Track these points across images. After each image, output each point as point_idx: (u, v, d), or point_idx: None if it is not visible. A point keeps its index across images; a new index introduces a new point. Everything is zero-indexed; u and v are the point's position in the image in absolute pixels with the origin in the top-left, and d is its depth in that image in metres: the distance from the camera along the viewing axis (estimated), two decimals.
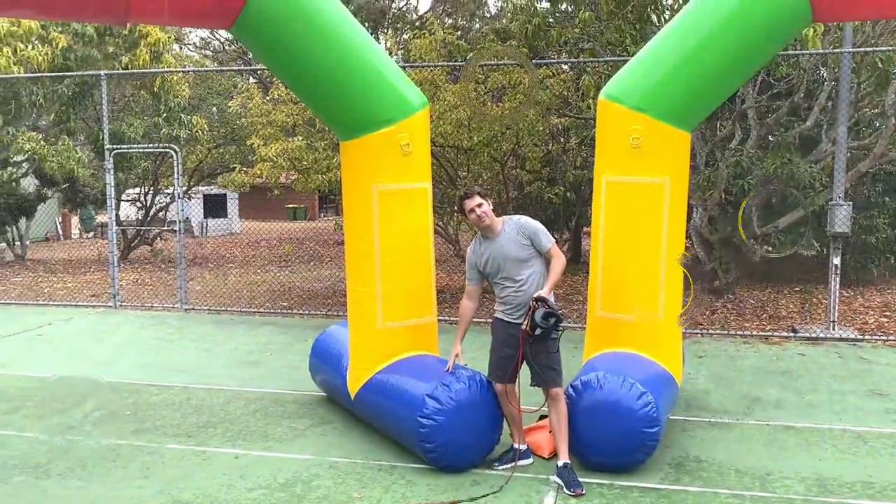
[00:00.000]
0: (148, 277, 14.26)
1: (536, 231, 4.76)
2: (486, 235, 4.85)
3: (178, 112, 14.94)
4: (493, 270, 4.83)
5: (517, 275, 4.75)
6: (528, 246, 4.74)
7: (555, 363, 4.70)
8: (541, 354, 4.66)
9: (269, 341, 8.56)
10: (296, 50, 4.93)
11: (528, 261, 4.75)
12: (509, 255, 4.75)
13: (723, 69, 5.16)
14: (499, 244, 4.79)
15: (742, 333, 8.88)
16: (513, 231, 4.77)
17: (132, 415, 5.92)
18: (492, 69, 10.25)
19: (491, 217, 4.79)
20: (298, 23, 4.80)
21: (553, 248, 4.79)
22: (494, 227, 4.80)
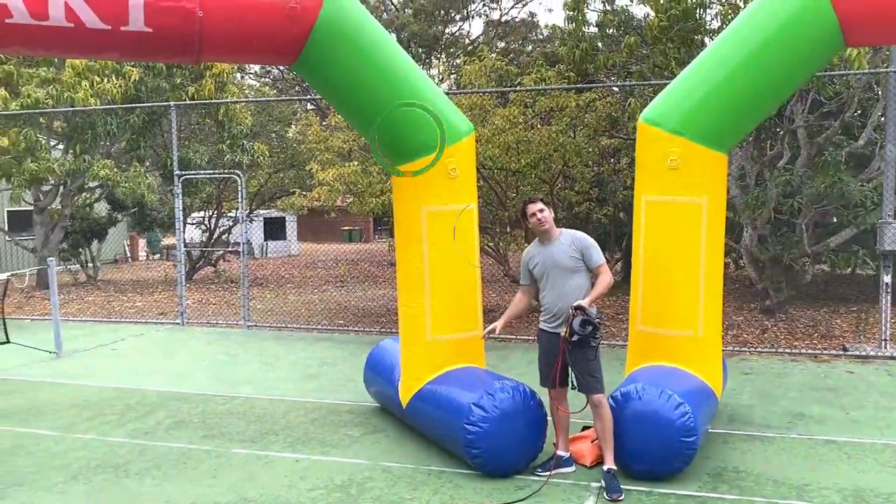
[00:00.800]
0: (212, 296, 14.92)
1: (589, 246, 5.03)
2: (543, 241, 5.15)
3: (240, 139, 15.68)
4: (540, 274, 5.13)
5: (561, 283, 5.01)
6: (577, 259, 5.01)
7: (595, 371, 4.92)
8: (580, 362, 4.90)
9: (326, 356, 8.98)
10: (351, 83, 5.34)
11: (575, 272, 5.01)
12: (558, 262, 5.02)
13: (758, 93, 5.37)
14: (551, 250, 5.08)
15: (791, 352, 8.90)
16: (567, 241, 5.06)
17: (201, 422, 6.36)
18: (539, 93, 10.56)
19: (550, 223, 5.09)
20: (354, 59, 5.20)
21: (602, 266, 5.03)
22: (551, 233, 5.10)
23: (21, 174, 13.18)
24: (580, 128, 10.85)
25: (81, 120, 14.05)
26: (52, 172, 13.62)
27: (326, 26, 5.00)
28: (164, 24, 4.63)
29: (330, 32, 5.04)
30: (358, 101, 5.51)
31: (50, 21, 4.47)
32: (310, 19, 4.93)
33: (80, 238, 17.77)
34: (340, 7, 5.06)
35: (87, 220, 17.83)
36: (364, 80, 5.32)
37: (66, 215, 15.94)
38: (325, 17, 4.97)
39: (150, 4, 4.57)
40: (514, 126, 10.45)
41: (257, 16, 4.83)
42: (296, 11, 4.87)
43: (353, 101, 5.53)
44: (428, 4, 30.13)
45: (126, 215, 19.72)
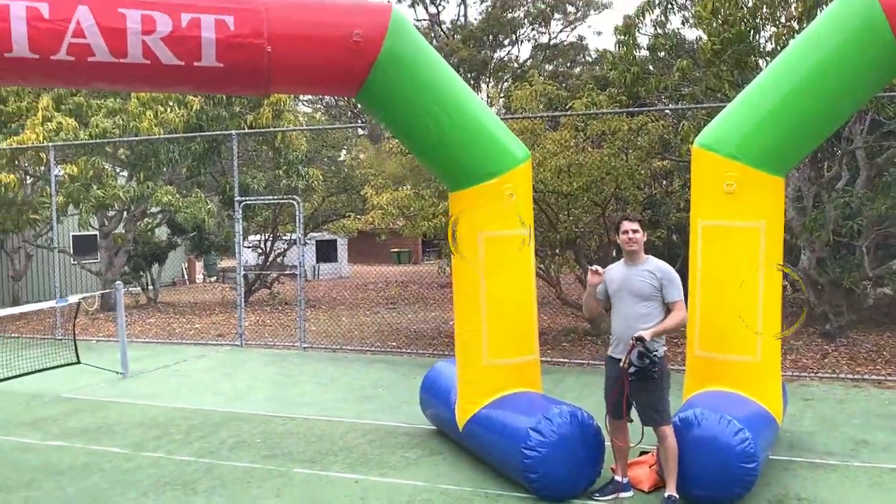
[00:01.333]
0: (267, 318, 15.24)
1: (671, 280, 4.92)
2: (627, 261, 5.10)
3: (296, 164, 16.07)
4: (613, 293, 5.09)
5: (630, 309, 4.95)
6: (655, 288, 4.92)
7: (657, 404, 4.85)
8: (641, 394, 4.88)
9: (380, 377, 9.11)
10: (411, 112, 5.51)
11: (648, 301, 4.92)
12: (634, 286, 4.96)
13: (816, 116, 5.36)
14: (631, 273, 5.02)
15: (853, 377, 8.70)
16: (650, 268, 4.98)
17: (262, 442, 6.53)
18: (591, 117, 10.62)
19: (639, 246, 5.02)
20: (415, 88, 5.38)
21: (678, 303, 4.91)
22: (637, 256, 5.05)
23: (89, 201, 13.73)
24: (632, 151, 10.85)
25: (145, 148, 14.61)
26: (117, 199, 14.16)
27: (388, 58, 5.18)
28: (235, 59, 4.87)
29: (392, 63, 5.22)
30: (417, 129, 5.66)
31: (128, 59, 4.74)
32: (373, 52, 5.12)
33: (141, 261, 18.37)
34: (402, 39, 5.25)
35: (148, 245, 18.44)
36: (423, 109, 5.48)
37: (129, 240, 16.51)
38: (388, 49, 5.16)
39: (222, 41, 4.81)
40: (565, 149, 10.52)
41: (323, 49, 5.04)
42: (359, 45, 5.07)
43: (413, 128, 5.69)
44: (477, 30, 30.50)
45: (185, 239, 20.31)
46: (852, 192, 10.60)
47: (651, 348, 4.76)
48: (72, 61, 4.58)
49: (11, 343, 11.75)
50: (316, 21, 5.06)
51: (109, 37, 4.58)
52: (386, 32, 5.15)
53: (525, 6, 31.63)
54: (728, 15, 9.46)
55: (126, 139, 13.70)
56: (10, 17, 4.34)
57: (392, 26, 5.18)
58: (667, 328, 4.92)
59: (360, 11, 5.22)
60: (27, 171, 15.11)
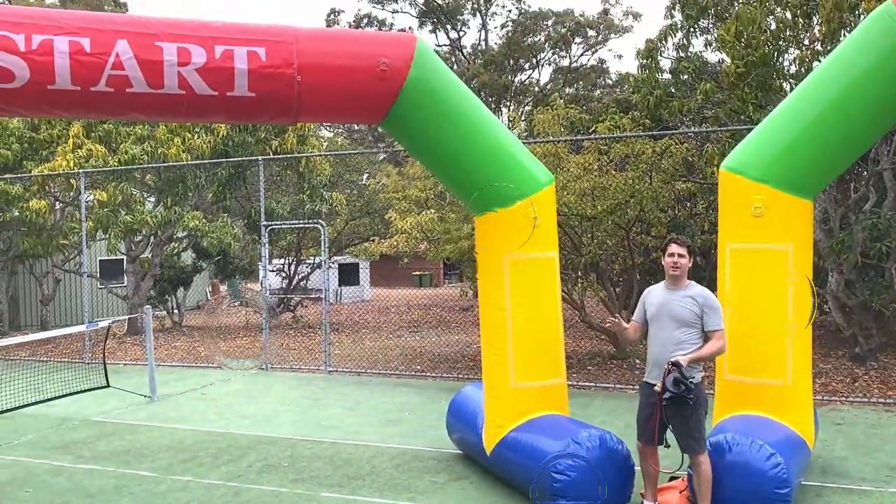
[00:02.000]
0: (291, 342, 15.33)
1: (713, 308, 4.84)
2: (669, 285, 5.03)
3: (319, 189, 16.25)
4: (652, 317, 5.03)
5: (668, 334, 4.88)
6: (696, 315, 4.84)
7: (694, 431, 4.77)
8: (677, 421, 4.81)
9: (406, 401, 9.12)
10: (436, 138, 5.59)
11: (687, 328, 4.84)
12: (673, 311, 4.89)
13: (844, 138, 5.35)
14: (672, 297, 4.95)
15: (885, 401, 8.57)
16: (691, 294, 4.90)
17: (289, 466, 6.56)
18: (614, 140, 10.65)
19: (683, 271, 4.95)
20: (439, 115, 5.46)
21: (719, 332, 4.83)
22: (680, 281, 4.98)
23: (117, 226, 13.97)
24: (656, 173, 10.85)
25: (173, 174, 14.87)
26: (145, 224, 14.40)
27: (414, 86, 5.27)
28: (267, 88, 4.98)
29: (417, 91, 5.31)
30: (441, 155, 5.74)
31: (165, 90, 4.86)
32: (399, 80, 5.21)
33: (166, 285, 18.60)
34: (427, 67, 5.34)
35: (174, 269, 18.67)
36: (448, 135, 5.56)
37: (155, 264, 16.75)
38: (414, 77, 5.25)
39: (254, 71, 4.93)
40: (588, 173, 10.55)
41: (350, 78, 5.14)
42: (386, 73, 5.17)
43: (437, 154, 5.76)
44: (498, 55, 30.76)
45: (210, 263, 20.55)
46: (880, 214, 10.50)
47: (687, 374, 4.69)
48: (111, 92, 4.71)
49: (41, 367, 11.92)
50: (344, 51, 5.17)
51: (147, 69, 4.71)
52: (411, 62, 5.24)
53: (546, 30, 31.87)
54: (751, 38, 9.48)
55: (154, 165, 13.95)
56: (53, 51, 4.48)
57: (417, 55, 5.28)
58: (703, 356, 4.85)
59: (387, 41, 5.33)
60: (57, 197, 15.41)
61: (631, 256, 11.79)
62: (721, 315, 4.88)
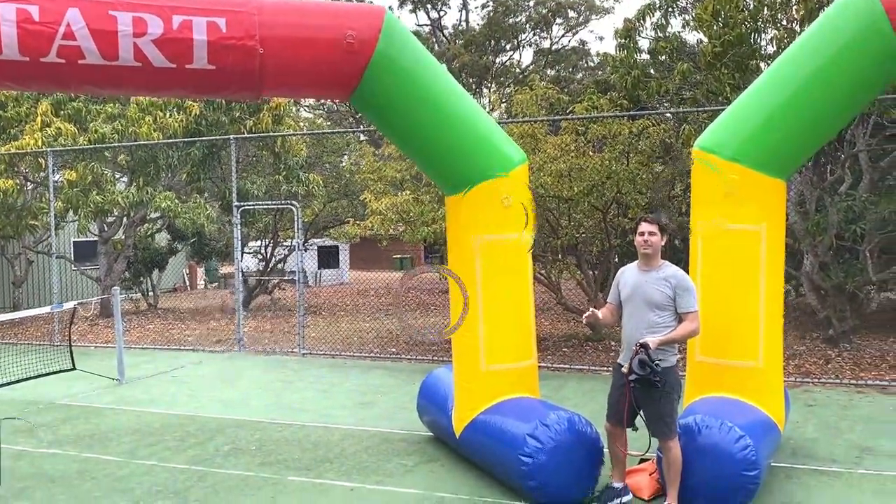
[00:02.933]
0: (267, 324, 15.17)
1: (686, 290, 4.69)
2: (641, 265, 4.89)
3: (296, 170, 16.01)
4: (625, 297, 4.91)
5: (641, 316, 4.76)
6: (668, 297, 4.70)
7: (665, 415, 4.68)
8: (649, 404, 4.72)
9: (380, 384, 9.03)
10: (406, 115, 5.45)
11: (660, 310, 4.71)
12: (646, 293, 4.76)
13: (817, 118, 5.28)
14: (644, 278, 4.82)
15: (857, 383, 8.59)
16: (663, 276, 4.75)
17: (258, 449, 6.45)
18: (591, 121, 10.55)
19: (655, 249, 4.80)
20: (409, 91, 5.31)
21: (692, 314, 4.69)
22: (653, 260, 4.82)
23: (87, 206, 13.69)
24: (633, 155, 10.77)
25: (144, 153, 14.57)
26: (116, 205, 14.11)
27: (382, 60, 5.12)
28: (227, 61, 4.81)
29: (386, 66, 5.16)
30: (411, 132, 5.60)
31: (119, 61, 4.68)
32: (366, 53, 5.06)
33: (141, 267, 18.33)
34: (396, 41, 5.18)
35: (148, 250, 18.39)
36: (418, 112, 5.42)
37: (128, 245, 16.47)
38: (382, 51, 5.09)
39: (213, 43, 4.75)
40: (566, 154, 10.45)
41: (316, 51, 4.98)
42: (353, 46, 5.01)
43: (407, 131, 5.63)
44: (479, 35, 30.50)
45: (185, 245, 20.26)
46: (855, 196, 10.51)
47: (654, 357, 4.58)
48: (62, 64, 4.52)
49: (8, 349, 11.70)
50: (308, 23, 5.01)
51: (100, 39, 4.53)
52: (379, 35, 5.08)
53: (527, 11, 31.62)
54: (729, 17, 9.39)
55: (125, 144, 13.66)
56: None
57: (385, 28, 5.12)
58: (675, 338, 4.71)
59: (354, 13, 5.16)
60: (26, 176, 15.07)
61: (608, 238, 11.73)
62: (695, 296, 4.77)
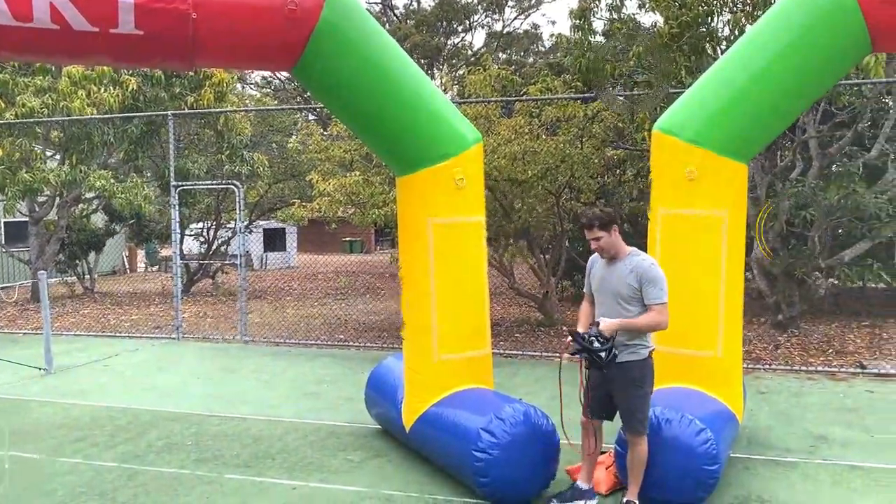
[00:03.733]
0: (210, 310, 14.63)
1: (650, 280, 4.38)
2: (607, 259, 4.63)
3: (240, 149, 15.42)
4: (595, 290, 4.68)
5: (610, 309, 4.50)
6: (634, 289, 4.41)
7: (638, 409, 4.47)
8: (622, 397, 4.51)
9: (326, 373, 8.68)
10: (353, 89, 5.08)
11: (628, 304, 4.44)
12: (613, 286, 4.50)
13: (780, 101, 5.12)
14: (611, 270, 4.55)
15: (807, 369, 8.61)
16: (629, 268, 4.46)
17: (194, 444, 6.06)
18: (546, 103, 10.32)
19: (610, 247, 4.52)
20: (356, 63, 4.95)
21: (658, 306, 4.37)
22: (616, 255, 4.54)
23: (15, 185, 12.92)
24: (587, 139, 10.60)
25: (78, 130, 13.81)
26: (46, 183, 13.36)
27: (327, 29, 4.74)
28: (156, 26, 4.38)
29: (331, 36, 4.79)
30: (359, 108, 5.25)
31: (34, 23, 4.21)
32: (310, 22, 4.67)
33: (76, 249, 17.50)
34: (342, 9, 4.81)
35: (84, 232, 17.56)
36: (366, 86, 5.07)
37: (61, 226, 15.67)
38: (326, 20, 4.71)
39: (141, 5, 4.31)
40: (519, 136, 10.20)
41: (254, 18, 4.58)
42: (295, 13, 4.62)
43: (354, 107, 5.27)
44: (430, 15, 30.03)
45: (124, 226, 19.44)
46: (805, 182, 10.54)
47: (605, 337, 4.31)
48: None
49: None
50: None
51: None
52: (324, 2, 4.70)
53: None
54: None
55: (56, 119, 12.91)
56: None
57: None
58: (635, 325, 4.39)
59: None
60: None
61: (561, 223, 11.58)
62: (662, 287, 4.42)
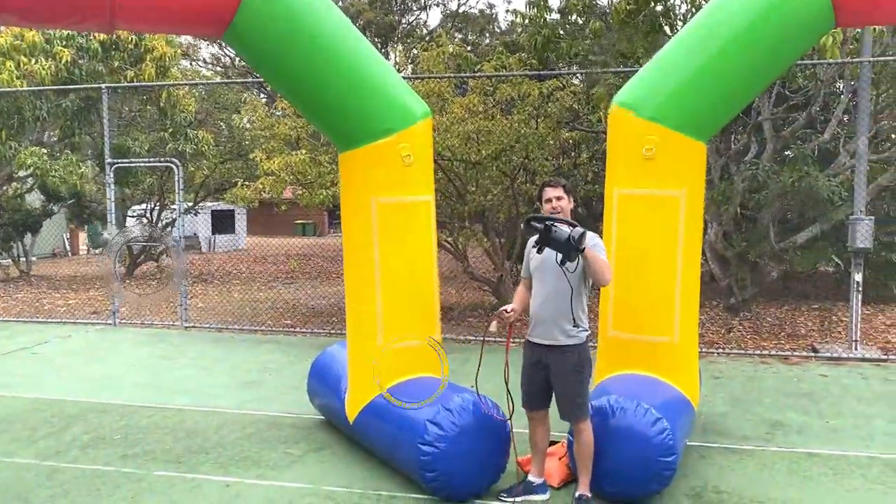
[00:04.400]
0: (152, 294, 14.04)
1: (595, 246, 4.23)
2: None
3: (184, 127, 14.80)
4: (533, 268, 4.45)
5: (551, 285, 4.29)
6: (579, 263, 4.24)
7: (578, 395, 4.28)
8: (560, 383, 4.30)
9: (269, 360, 8.31)
10: (290, 57, 4.71)
11: (569, 278, 4.29)
12: (553, 259, 4.28)
13: (742, 77, 4.92)
14: None
15: (760, 353, 8.56)
16: None
17: (122, 438, 5.66)
18: (500, 80, 10.03)
19: (565, 214, 4.35)
20: (293, 28, 4.58)
21: None
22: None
23: None
24: (542, 119, 10.35)
25: (8, 104, 13.04)
26: None
27: None
28: None
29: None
30: (298, 78, 4.87)
31: None
32: None
33: (10, 231, 16.67)
34: None
35: (19, 212, 16.72)
36: (305, 54, 4.70)
37: None
38: None
39: None
40: (473, 115, 9.90)
41: None
42: None
43: (291, 77, 4.88)
44: None
45: (62, 207, 18.60)
46: (759, 165, 10.49)
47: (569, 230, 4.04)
48: None
49: None
50: None
51: None
52: None
53: None
54: None
55: None
56: None
57: None
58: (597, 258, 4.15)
59: None
60: None
61: (516, 205, 11.34)
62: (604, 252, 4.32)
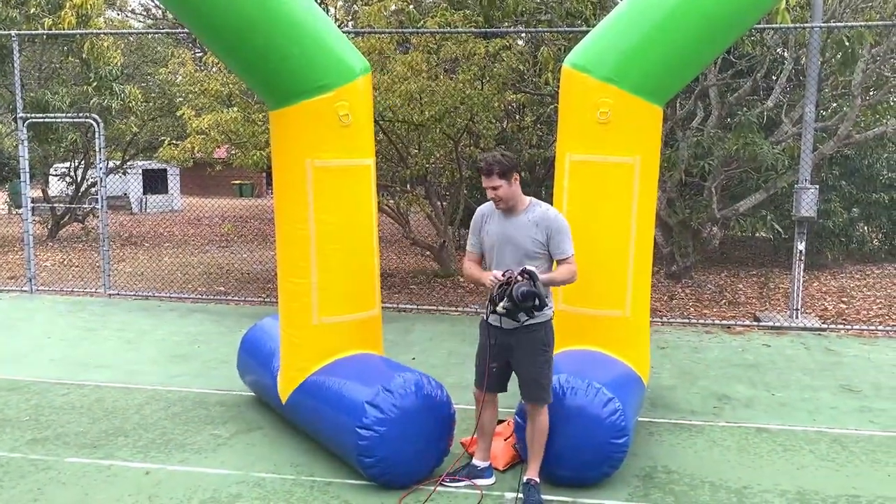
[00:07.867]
0: (76, 258, 13.30)
1: (559, 232, 4.00)
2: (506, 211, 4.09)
3: (109, 81, 13.88)
4: (489, 247, 4.14)
5: (510, 266, 3.97)
6: (540, 243, 4.00)
7: (543, 378, 4.03)
8: (526, 364, 4.04)
9: (199, 331, 7.84)
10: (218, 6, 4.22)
11: (530, 259, 3.98)
12: (513, 239, 4.01)
13: (701, 37, 4.67)
14: (511, 223, 4.05)
15: (703, 322, 8.51)
16: (533, 220, 4.02)
17: (31, 420, 5.19)
18: (444, 38, 9.60)
19: (509, 199, 4.01)
20: None
21: (570, 258, 4.03)
22: (515, 207, 4.05)
23: None
24: (487, 80, 9.98)
25: None
26: None
27: None
28: None
29: None
30: (224, 27, 4.38)
31: None
32: None
33: None
34: None
35: None
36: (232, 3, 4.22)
37: None
38: None
39: None
40: (417, 74, 9.46)
41: None
42: None
43: (220, 28, 4.40)
44: None
45: None
46: (705, 132, 10.39)
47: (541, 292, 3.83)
48: None
49: None
50: None
51: None
52: None
53: None
54: None
55: None
56: None
57: None
58: (556, 280, 4.02)
59: None
60: None
61: (459, 169, 11.01)
62: (570, 238, 4.05)
